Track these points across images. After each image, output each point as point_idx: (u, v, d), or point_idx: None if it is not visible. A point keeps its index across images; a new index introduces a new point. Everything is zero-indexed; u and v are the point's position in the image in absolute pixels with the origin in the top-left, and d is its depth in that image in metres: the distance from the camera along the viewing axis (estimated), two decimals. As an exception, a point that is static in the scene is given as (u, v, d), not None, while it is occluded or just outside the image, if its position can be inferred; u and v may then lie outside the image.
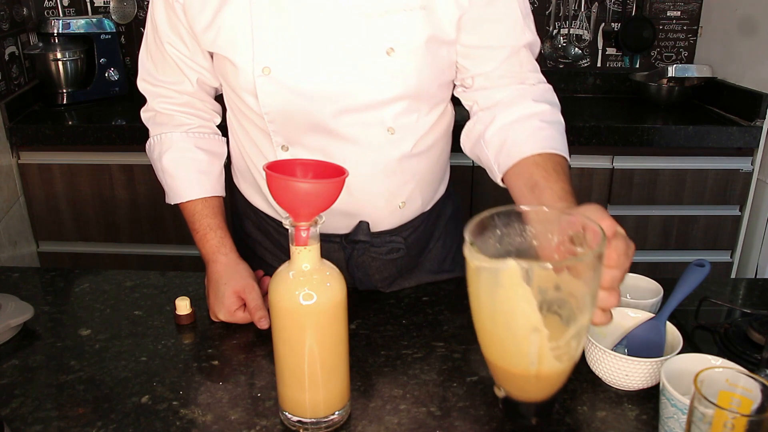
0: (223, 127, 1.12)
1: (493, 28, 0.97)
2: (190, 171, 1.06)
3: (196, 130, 1.08)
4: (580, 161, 2.10)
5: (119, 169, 2.09)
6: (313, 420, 0.76)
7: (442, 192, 1.16)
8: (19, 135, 2.07)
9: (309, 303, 0.71)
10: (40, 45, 2.31)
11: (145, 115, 1.10)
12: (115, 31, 2.36)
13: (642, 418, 0.78)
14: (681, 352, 0.78)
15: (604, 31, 2.54)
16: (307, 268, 0.72)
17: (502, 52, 0.98)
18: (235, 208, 1.21)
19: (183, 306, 0.99)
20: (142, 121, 1.11)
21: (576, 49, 2.54)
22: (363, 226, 1.05)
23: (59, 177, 2.11)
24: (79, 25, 2.29)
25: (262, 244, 1.17)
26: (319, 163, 0.74)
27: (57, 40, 2.28)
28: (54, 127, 2.08)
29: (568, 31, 2.54)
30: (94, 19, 2.33)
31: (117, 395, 0.83)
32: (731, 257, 2.24)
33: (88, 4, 2.46)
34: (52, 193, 2.13)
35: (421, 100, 0.99)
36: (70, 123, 2.14)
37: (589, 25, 2.54)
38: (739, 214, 2.18)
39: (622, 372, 0.81)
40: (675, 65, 2.36)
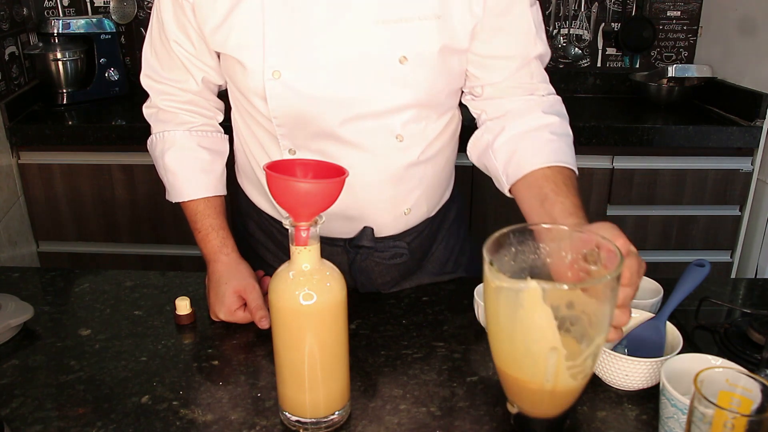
0: (225, 125, 1.12)
1: (506, 39, 0.96)
2: (192, 170, 1.05)
3: (199, 128, 1.07)
4: (580, 161, 2.05)
5: (119, 169, 2.09)
6: (313, 420, 0.76)
7: (447, 197, 1.16)
8: (19, 135, 2.07)
9: (309, 303, 0.71)
10: (40, 45, 2.31)
11: (148, 111, 1.09)
12: (115, 31, 2.36)
13: (642, 418, 0.78)
14: (681, 352, 0.78)
15: (604, 31, 2.54)
16: (307, 268, 0.72)
17: (514, 62, 0.98)
18: (237, 207, 1.21)
19: (183, 306, 0.99)
20: (142, 121, 1.11)
21: (576, 49, 2.54)
22: (367, 232, 1.05)
23: (59, 177, 2.11)
24: (79, 25, 2.29)
25: (264, 244, 1.17)
26: (319, 163, 0.74)
27: (57, 40, 2.28)
28: (54, 127, 2.08)
29: (568, 31, 2.54)
30: (94, 19, 2.33)
31: (117, 395, 0.83)
32: (731, 257, 2.24)
33: (88, 4, 2.46)
34: (52, 193, 2.13)
35: (431, 108, 0.99)
36: (70, 123, 2.14)
37: (589, 25, 2.54)
38: (739, 214, 2.18)
39: (622, 372, 0.81)
40: (675, 65, 2.36)
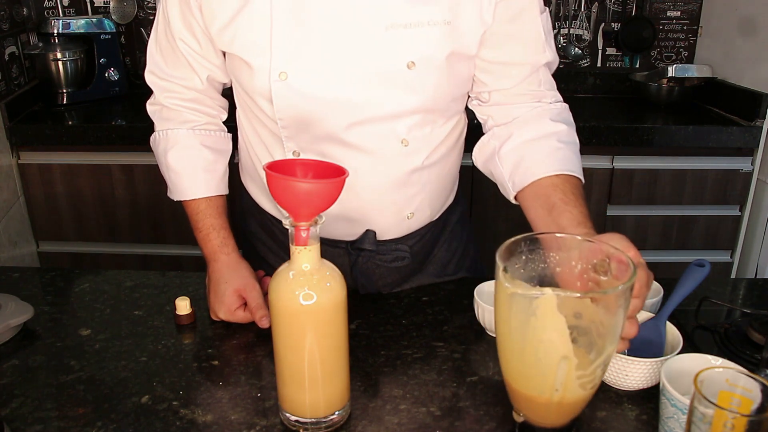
0: (229, 124, 1.12)
1: (515, 45, 0.96)
2: (195, 169, 1.05)
3: (203, 127, 1.07)
4: None
5: (119, 169, 2.09)
6: (313, 420, 0.76)
7: (450, 201, 1.16)
8: (19, 135, 2.07)
9: (309, 303, 0.71)
10: (40, 45, 2.31)
11: (151, 108, 1.09)
12: (115, 31, 2.36)
13: (642, 418, 0.78)
14: (681, 352, 0.78)
15: (604, 31, 2.54)
16: (307, 268, 0.72)
17: (523, 69, 0.98)
18: (241, 206, 1.21)
19: (183, 306, 0.99)
20: (142, 121, 1.11)
21: (576, 49, 2.54)
22: (369, 235, 1.05)
23: (59, 177, 2.11)
24: (79, 25, 2.29)
25: (265, 243, 1.17)
26: (319, 163, 0.74)
27: (57, 40, 2.28)
28: (54, 127, 2.08)
29: (568, 31, 2.54)
30: (94, 19, 2.33)
31: (117, 395, 0.83)
32: (731, 257, 2.24)
33: (88, 4, 2.46)
34: (52, 193, 2.13)
35: (437, 113, 0.99)
36: (70, 123, 2.14)
37: (589, 25, 2.54)
38: (739, 214, 2.18)
39: (622, 372, 0.81)
40: (675, 65, 2.37)
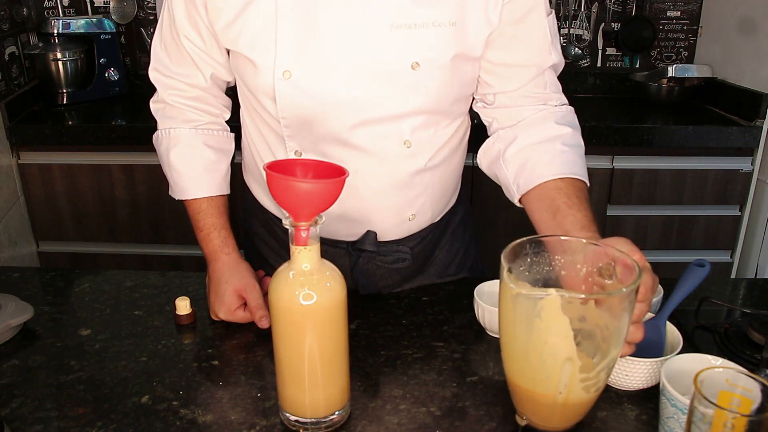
0: (231, 125, 1.12)
1: (521, 47, 0.96)
2: (197, 169, 1.05)
3: (205, 126, 1.07)
4: None
5: (119, 169, 2.09)
6: (313, 420, 0.76)
7: (452, 203, 1.16)
8: (19, 135, 2.07)
9: (309, 303, 0.71)
10: (40, 45, 2.31)
11: (155, 106, 1.09)
12: (115, 31, 2.36)
13: (642, 418, 0.78)
14: (681, 352, 0.78)
15: (604, 31, 2.54)
16: (307, 268, 0.72)
17: (528, 72, 0.98)
18: (243, 205, 1.21)
19: (183, 306, 0.99)
20: (142, 121, 1.11)
21: (576, 49, 2.54)
22: (370, 236, 1.05)
23: (59, 177, 2.11)
24: (79, 25, 2.29)
25: (267, 242, 1.17)
26: (319, 163, 0.74)
27: (57, 40, 2.28)
28: (54, 127, 2.08)
29: (568, 31, 2.54)
30: (94, 19, 2.33)
31: (117, 395, 0.83)
32: (731, 257, 2.24)
33: (88, 4, 2.46)
34: (52, 193, 2.13)
35: (440, 115, 0.98)
36: (70, 123, 2.14)
37: (589, 25, 2.54)
38: (739, 214, 2.18)
39: (622, 372, 0.81)
40: (675, 65, 2.37)
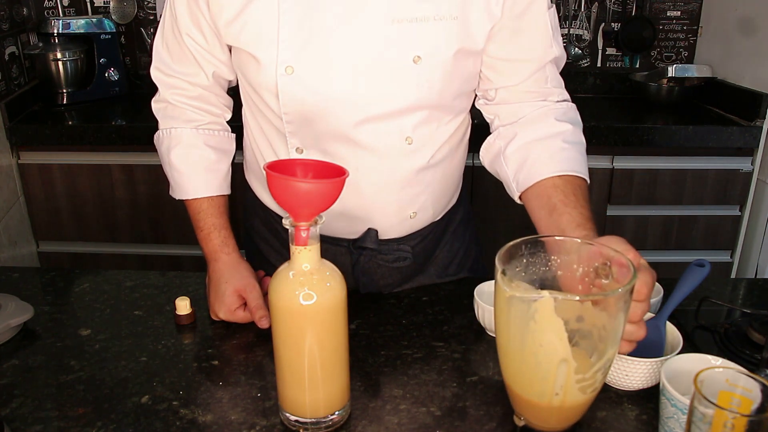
0: (232, 125, 1.12)
1: (522, 41, 0.96)
2: (198, 168, 1.05)
3: (206, 126, 1.07)
4: None
5: (119, 169, 2.09)
6: (313, 420, 0.76)
7: (453, 202, 1.16)
8: (19, 135, 2.07)
9: (309, 303, 0.71)
10: (40, 45, 2.31)
11: (156, 105, 1.09)
12: (115, 31, 2.36)
13: (642, 418, 0.78)
14: (681, 352, 0.78)
15: (604, 31, 2.54)
16: (307, 268, 0.72)
17: (529, 66, 0.98)
18: (244, 204, 1.22)
19: (183, 306, 0.99)
20: (142, 121, 1.11)
21: (576, 49, 2.55)
22: (371, 234, 1.05)
23: (59, 177, 2.11)
24: (79, 25, 2.29)
25: (268, 241, 1.17)
26: (319, 163, 0.74)
27: (57, 40, 2.28)
28: (54, 127, 2.08)
29: (568, 31, 2.54)
30: (94, 19, 2.33)
31: (117, 395, 0.83)
32: (731, 257, 2.24)
33: (88, 4, 2.46)
34: (52, 193, 2.13)
35: (442, 110, 0.98)
36: (70, 123, 2.14)
37: (589, 25, 2.54)
38: (739, 214, 2.18)
39: (622, 372, 0.81)
40: (675, 65, 2.37)
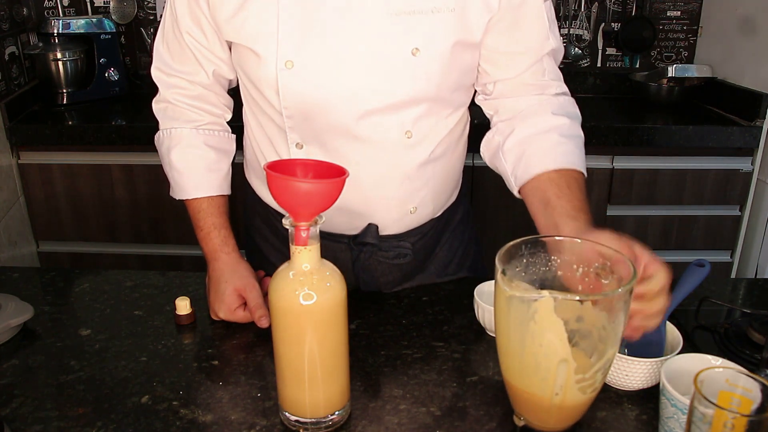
0: (233, 125, 1.12)
1: (519, 33, 0.96)
2: (198, 168, 1.05)
3: (206, 126, 1.07)
4: None
5: (119, 169, 2.09)
6: (313, 420, 0.76)
7: (453, 199, 1.16)
8: (19, 135, 2.07)
9: (309, 303, 0.71)
10: (40, 45, 2.31)
11: (157, 106, 1.09)
12: (115, 31, 2.36)
13: (642, 418, 0.78)
14: (681, 352, 0.78)
15: (604, 31, 2.54)
16: (307, 268, 0.72)
17: (527, 58, 0.98)
18: (244, 204, 1.22)
19: (183, 306, 0.99)
20: (142, 121, 1.11)
21: (576, 49, 2.55)
22: (372, 229, 1.05)
23: (59, 177, 2.11)
24: (79, 25, 2.29)
25: (268, 240, 1.17)
26: (319, 163, 0.74)
27: (57, 40, 2.28)
28: (54, 127, 2.08)
29: (568, 31, 2.54)
30: (94, 19, 2.33)
31: (117, 395, 0.83)
32: (731, 257, 2.24)
33: (88, 4, 2.46)
34: (52, 193, 2.13)
35: (441, 104, 0.99)
36: (70, 123, 2.14)
37: (589, 25, 2.54)
38: (739, 214, 2.18)
39: (622, 372, 0.81)
40: (675, 65, 2.37)
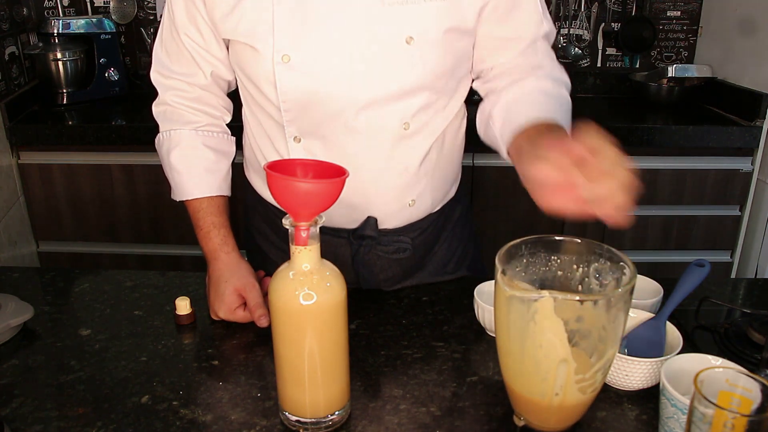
0: (233, 126, 1.12)
1: (513, 20, 0.97)
2: (197, 169, 1.06)
3: (205, 128, 1.08)
4: None
5: (119, 169, 2.09)
6: (313, 420, 0.76)
7: (452, 194, 1.16)
8: (19, 135, 2.07)
9: (309, 303, 0.71)
10: (40, 45, 2.30)
11: (156, 109, 1.10)
12: (115, 31, 2.36)
13: (642, 418, 0.78)
14: (681, 352, 0.78)
15: (604, 31, 2.54)
16: (307, 268, 0.72)
17: (520, 43, 0.99)
18: (245, 204, 1.22)
19: (183, 306, 0.99)
20: (142, 121, 1.11)
21: (576, 49, 2.54)
22: (371, 222, 1.05)
23: (59, 177, 2.11)
24: (79, 25, 2.29)
25: (268, 238, 1.17)
26: (319, 163, 0.74)
27: (57, 40, 2.28)
28: (54, 127, 2.08)
29: (568, 31, 2.54)
30: (94, 19, 2.33)
31: (117, 395, 0.83)
32: (731, 257, 2.24)
33: (88, 4, 2.46)
34: (52, 193, 2.13)
35: (438, 94, 0.99)
36: (70, 123, 2.14)
37: (589, 25, 2.54)
38: (739, 214, 2.18)
39: (622, 372, 0.81)
40: (675, 65, 2.36)
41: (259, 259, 1.19)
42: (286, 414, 0.77)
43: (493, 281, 0.98)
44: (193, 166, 1.06)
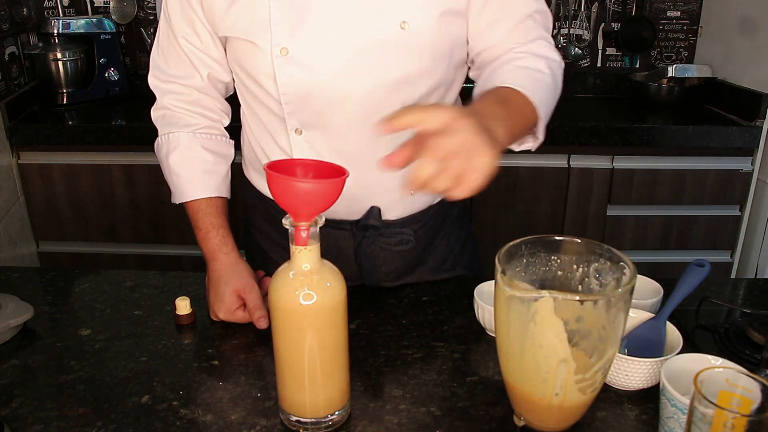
0: (231, 129, 1.13)
1: (502, 4, 0.97)
2: (195, 171, 1.06)
3: (203, 131, 1.08)
4: (580, 161, 2.10)
5: (119, 169, 2.09)
6: (312, 420, 0.76)
7: None
8: (19, 135, 2.07)
9: (309, 303, 0.71)
10: (40, 45, 2.31)
11: (155, 114, 1.10)
12: (115, 31, 2.36)
13: (642, 418, 0.78)
14: (681, 352, 0.78)
15: (604, 31, 2.54)
16: (307, 268, 0.72)
17: (508, 22, 0.99)
18: (245, 204, 1.22)
19: (183, 306, 0.99)
20: (141, 121, 1.12)
21: (576, 49, 2.54)
22: (374, 212, 1.06)
23: (59, 177, 2.11)
24: (79, 25, 2.29)
25: (269, 236, 1.18)
26: (319, 163, 0.74)
27: (57, 40, 2.28)
28: (54, 127, 2.08)
29: (568, 31, 2.54)
30: (94, 19, 2.33)
31: (117, 395, 0.83)
32: (731, 257, 2.24)
33: (88, 4, 2.46)
34: (52, 193, 2.13)
35: (438, 81, 0.99)
36: (70, 123, 2.14)
37: (589, 25, 2.54)
38: (739, 214, 2.18)
39: (622, 372, 0.81)
40: (675, 65, 2.37)
41: (260, 258, 1.19)
42: (286, 414, 0.77)
43: (493, 281, 0.98)
44: (191, 168, 1.06)
